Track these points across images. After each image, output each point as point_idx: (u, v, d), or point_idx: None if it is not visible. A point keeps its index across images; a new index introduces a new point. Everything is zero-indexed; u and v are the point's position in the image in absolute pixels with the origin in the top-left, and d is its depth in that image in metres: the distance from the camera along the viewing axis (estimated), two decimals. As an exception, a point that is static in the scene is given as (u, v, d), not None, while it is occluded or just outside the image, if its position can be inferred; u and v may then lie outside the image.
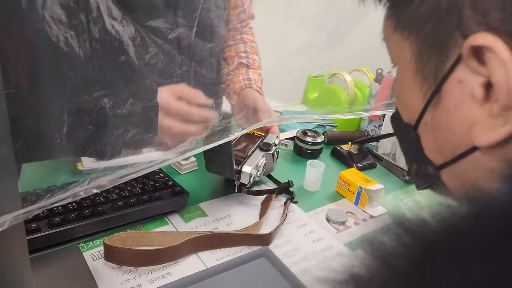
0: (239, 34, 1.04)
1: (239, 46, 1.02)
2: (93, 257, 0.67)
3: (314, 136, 1.07)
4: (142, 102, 0.47)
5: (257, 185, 0.91)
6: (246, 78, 0.97)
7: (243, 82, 0.96)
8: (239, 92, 0.95)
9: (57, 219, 0.66)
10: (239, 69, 0.99)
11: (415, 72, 0.34)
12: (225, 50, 1.02)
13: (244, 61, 1.00)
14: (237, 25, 1.01)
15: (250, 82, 0.96)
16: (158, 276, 0.65)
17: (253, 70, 1.00)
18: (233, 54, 1.01)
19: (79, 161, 0.87)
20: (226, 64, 0.99)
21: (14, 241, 0.43)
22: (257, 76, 0.99)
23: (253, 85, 0.96)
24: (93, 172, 0.46)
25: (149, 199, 0.75)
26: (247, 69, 0.99)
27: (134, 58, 0.45)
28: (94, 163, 0.86)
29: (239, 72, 0.98)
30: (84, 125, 0.41)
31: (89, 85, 0.40)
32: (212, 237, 0.72)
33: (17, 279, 0.45)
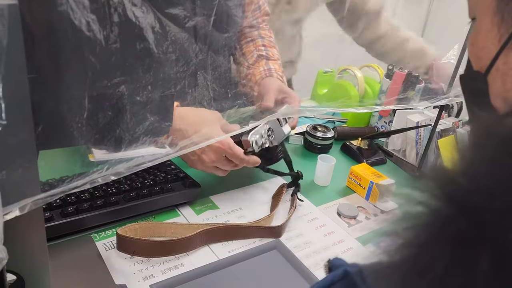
0: (256, 30, 1.04)
1: (257, 41, 1.02)
2: (106, 247, 0.67)
3: (324, 131, 1.07)
4: (160, 90, 0.47)
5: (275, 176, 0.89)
6: (267, 69, 0.97)
7: (263, 73, 0.95)
8: (260, 82, 0.94)
9: (70, 208, 0.66)
10: (259, 61, 0.99)
11: (494, 14, 0.35)
12: (243, 46, 1.02)
13: (263, 53, 1.00)
14: (253, 22, 1.01)
15: (270, 72, 0.96)
16: (170, 266, 0.65)
17: (273, 61, 0.99)
18: (251, 49, 1.01)
19: (90, 153, 0.87)
20: (245, 59, 0.99)
21: (33, 227, 0.43)
22: (278, 66, 0.99)
23: (274, 74, 0.96)
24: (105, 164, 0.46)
25: (161, 190, 0.75)
26: (267, 60, 0.99)
27: (153, 46, 0.45)
28: (105, 154, 0.86)
29: (259, 64, 0.98)
30: (104, 111, 0.41)
31: (109, 71, 0.40)
32: (224, 229, 0.71)
33: (34, 264, 0.45)
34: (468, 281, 0.18)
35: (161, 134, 0.48)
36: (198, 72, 0.57)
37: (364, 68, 1.33)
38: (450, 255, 0.19)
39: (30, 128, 0.36)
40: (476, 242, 0.18)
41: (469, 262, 0.18)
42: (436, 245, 0.19)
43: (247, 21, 1.00)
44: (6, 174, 0.34)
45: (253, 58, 0.98)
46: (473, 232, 0.18)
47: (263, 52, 1.00)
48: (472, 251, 0.18)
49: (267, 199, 0.85)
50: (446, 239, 0.19)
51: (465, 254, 0.18)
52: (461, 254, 0.18)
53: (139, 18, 0.43)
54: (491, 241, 0.18)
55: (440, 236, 0.19)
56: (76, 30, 0.36)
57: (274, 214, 0.78)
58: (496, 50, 0.35)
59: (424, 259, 0.20)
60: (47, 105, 0.38)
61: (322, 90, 1.34)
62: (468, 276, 0.18)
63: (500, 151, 0.19)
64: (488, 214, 0.18)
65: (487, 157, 0.20)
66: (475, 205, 0.19)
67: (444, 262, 0.19)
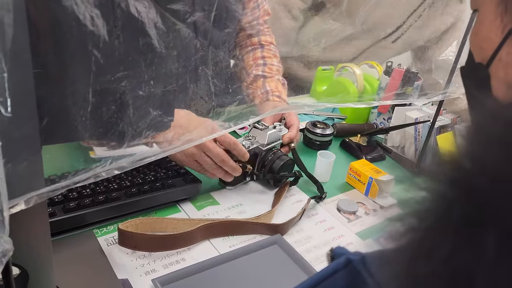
0: (257, 37, 1.05)
1: (256, 52, 1.04)
2: (107, 242, 0.68)
3: (324, 127, 1.07)
4: (162, 85, 0.47)
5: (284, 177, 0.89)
6: (264, 92, 0.99)
7: (261, 96, 0.99)
8: (258, 107, 0.98)
9: (72, 204, 0.67)
10: (256, 81, 1.02)
11: (497, 4, 0.35)
12: (244, 57, 1.04)
13: (259, 72, 1.02)
14: (254, 23, 1.02)
15: (267, 95, 0.99)
16: (172, 261, 0.66)
17: (270, 79, 1.02)
18: (251, 63, 1.03)
19: (91, 150, 0.87)
20: (246, 73, 1.01)
21: (37, 220, 0.43)
22: (274, 84, 1.01)
23: (270, 97, 0.98)
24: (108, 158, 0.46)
25: (162, 186, 0.75)
26: (264, 80, 1.02)
27: (155, 41, 0.45)
28: (106, 151, 0.87)
29: (257, 86, 1.01)
30: (107, 105, 0.41)
31: (112, 65, 0.41)
32: (225, 224, 0.72)
33: (38, 258, 0.45)
34: (474, 263, 0.18)
35: (163, 129, 0.48)
36: (199, 67, 0.58)
37: (363, 66, 1.34)
38: (455, 238, 0.19)
39: (35, 121, 0.36)
40: (481, 224, 0.18)
41: (474, 244, 0.18)
42: (441, 228, 0.20)
43: (247, 19, 1.00)
44: (11, 167, 0.35)
45: (251, 78, 1.01)
46: (478, 214, 0.19)
47: (260, 69, 1.02)
48: (477, 233, 0.18)
49: (268, 196, 0.85)
50: (451, 222, 0.19)
51: (470, 236, 0.19)
52: (466, 236, 0.19)
53: (142, 13, 0.43)
54: (497, 223, 0.18)
55: (445, 219, 0.20)
56: (81, 24, 0.37)
57: (274, 210, 0.79)
58: (499, 40, 0.35)
59: (429, 242, 0.20)
60: (51, 100, 0.38)
61: (321, 87, 1.35)
62: (473, 258, 0.18)
63: (504, 133, 0.20)
64: (493, 196, 0.18)
65: (492, 139, 0.20)
66: (479, 187, 0.19)
67: (450, 245, 0.19)
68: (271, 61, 1.05)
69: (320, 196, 0.85)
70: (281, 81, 1.03)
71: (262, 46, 1.06)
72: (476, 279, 0.18)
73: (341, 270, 0.32)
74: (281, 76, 1.05)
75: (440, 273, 0.20)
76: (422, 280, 0.21)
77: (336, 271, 0.33)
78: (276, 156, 0.85)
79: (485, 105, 0.23)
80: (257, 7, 1.02)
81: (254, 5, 1.01)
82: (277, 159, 0.85)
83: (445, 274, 0.20)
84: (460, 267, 0.19)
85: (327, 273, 0.33)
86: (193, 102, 0.59)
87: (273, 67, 1.04)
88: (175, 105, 0.49)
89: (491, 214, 0.18)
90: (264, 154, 0.85)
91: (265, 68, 1.03)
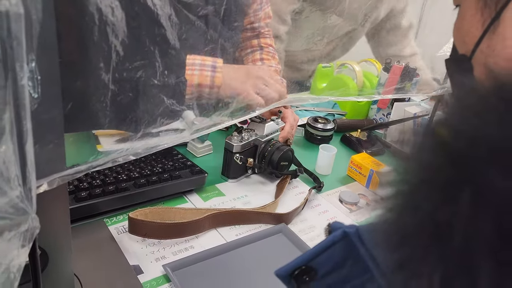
0: (257, 39, 1.07)
1: (255, 54, 1.07)
2: (118, 231, 0.70)
3: (325, 123, 1.09)
4: (175, 75, 0.49)
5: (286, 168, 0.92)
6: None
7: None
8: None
9: (83, 194, 0.69)
10: None
11: (477, 0, 0.37)
12: (244, 59, 1.07)
13: None
14: (255, 25, 1.04)
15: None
16: (181, 248, 0.68)
17: None
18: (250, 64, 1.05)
19: (99, 143, 0.89)
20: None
21: (57, 203, 0.45)
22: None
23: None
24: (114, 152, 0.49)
25: (170, 177, 0.77)
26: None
27: (169, 32, 0.47)
28: (114, 144, 0.89)
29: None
30: (125, 92, 0.43)
31: (130, 54, 0.43)
32: (231, 214, 0.74)
33: (58, 239, 0.47)
34: (452, 217, 0.21)
35: (176, 117, 0.50)
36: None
37: (362, 63, 1.36)
38: (437, 197, 0.22)
39: (60, 106, 0.38)
40: (458, 184, 0.21)
41: (453, 201, 0.21)
42: (424, 190, 0.22)
43: (249, 21, 1.03)
44: (38, 148, 0.37)
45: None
46: (455, 175, 0.21)
47: None
48: (455, 192, 0.21)
49: (271, 187, 0.88)
50: (433, 184, 0.22)
51: (449, 195, 0.21)
52: (446, 195, 0.21)
53: (157, 5, 0.45)
54: (471, 183, 0.21)
55: (428, 182, 0.22)
56: (103, 15, 0.39)
57: (278, 200, 0.81)
58: (480, 34, 0.38)
59: (415, 202, 0.23)
60: (74, 87, 0.40)
61: (321, 84, 1.37)
62: (452, 213, 0.21)
63: (478, 103, 0.22)
64: (468, 159, 0.21)
65: (467, 109, 0.23)
66: (456, 152, 0.22)
67: (432, 203, 0.22)
68: (269, 63, 1.07)
69: (319, 186, 0.88)
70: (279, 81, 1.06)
71: (261, 48, 1.08)
72: (455, 230, 0.21)
73: (338, 243, 0.33)
74: (280, 77, 1.08)
75: (424, 228, 0.22)
76: (409, 237, 0.23)
77: (333, 244, 0.34)
78: (275, 147, 0.87)
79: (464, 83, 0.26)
80: (260, 9, 1.04)
81: (257, 7, 1.03)
82: (276, 149, 0.87)
83: (428, 228, 0.22)
84: (441, 221, 0.21)
85: (325, 245, 0.34)
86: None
87: (271, 68, 1.07)
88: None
89: (466, 175, 0.21)
90: (264, 146, 0.88)
91: None
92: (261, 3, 1.03)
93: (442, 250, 0.22)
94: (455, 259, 0.21)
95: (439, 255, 0.22)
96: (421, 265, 0.23)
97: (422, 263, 0.23)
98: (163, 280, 0.62)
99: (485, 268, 0.20)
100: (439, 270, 0.22)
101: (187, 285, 0.60)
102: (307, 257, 0.35)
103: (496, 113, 0.21)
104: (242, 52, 1.08)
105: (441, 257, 0.22)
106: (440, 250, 0.22)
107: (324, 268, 0.34)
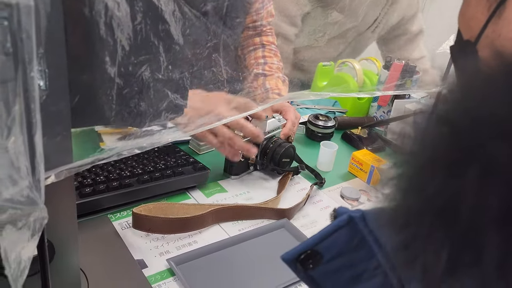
0: (259, 37, 1.08)
1: (257, 52, 1.08)
2: (121, 226, 0.70)
3: (325, 120, 1.10)
4: (178, 70, 0.50)
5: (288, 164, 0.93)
6: (264, 90, 1.03)
7: (261, 95, 1.02)
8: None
9: (87, 189, 0.69)
10: (257, 80, 1.05)
11: None
12: (246, 57, 1.08)
13: (260, 71, 1.06)
14: (257, 23, 1.05)
15: (267, 93, 1.02)
16: (184, 243, 0.68)
17: (270, 77, 1.05)
18: (252, 62, 1.07)
19: (101, 141, 0.90)
20: (248, 72, 1.05)
21: (63, 195, 0.46)
22: (274, 81, 1.04)
23: (270, 95, 1.02)
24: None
25: (173, 173, 0.78)
26: (264, 78, 1.05)
27: (172, 27, 0.48)
28: (116, 142, 0.90)
29: (257, 84, 1.04)
30: (131, 86, 0.44)
31: (135, 49, 0.44)
32: (234, 209, 0.75)
33: (64, 232, 0.48)
34: (458, 194, 0.21)
35: (180, 112, 0.51)
36: (213, 55, 0.60)
37: (362, 61, 1.37)
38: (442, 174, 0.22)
39: (67, 98, 0.39)
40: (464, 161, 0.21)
41: (459, 178, 0.21)
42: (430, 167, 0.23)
43: (251, 19, 1.04)
44: (46, 140, 0.37)
45: (251, 77, 1.04)
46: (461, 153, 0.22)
47: (260, 68, 1.05)
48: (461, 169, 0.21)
49: (273, 184, 0.88)
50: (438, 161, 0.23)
51: (455, 172, 0.22)
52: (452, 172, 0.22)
53: (161, 1, 0.46)
54: (476, 159, 0.21)
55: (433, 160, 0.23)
56: (109, 11, 0.40)
57: (280, 196, 0.82)
58: (485, 19, 0.38)
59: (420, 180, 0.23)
60: (80, 81, 0.41)
61: (322, 83, 1.38)
62: (458, 190, 0.21)
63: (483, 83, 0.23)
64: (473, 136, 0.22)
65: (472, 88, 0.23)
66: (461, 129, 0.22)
67: (438, 180, 0.22)
68: (272, 60, 1.08)
69: (320, 182, 0.89)
70: (281, 78, 1.07)
71: (263, 46, 1.09)
72: (462, 207, 0.21)
73: (344, 228, 0.33)
74: (282, 74, 1.09)
75: (430, 207, 0.23)
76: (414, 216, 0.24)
77: (339, 228, 0.33)
78: (277, 143, 0.88)
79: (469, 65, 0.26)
80: (262, 8, 1.05)
81: (259, 6, 1.04)
82: (277, 146, 0.88)
83: (435, 207, 0.23)
84: (447, 199, 0.22)
85: (330, 230, 0.34)
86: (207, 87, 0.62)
87: (273, 66, 1.08)
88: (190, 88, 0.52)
89: (472, 152, 0.21)
90: (265, 142, 0.88)
91: (265, 66, 1.07)
92: (263, 1, 1.04)
93: (449, 227, 0.22)
94: (462, 235, 0.22)
95: (445, 233, 0.23)
96: (427, 243, 0.24)
97: (428, 242, 0.24)
98: (167, 274, 0.62)
99: (493, 242, 0.20)
100: (446, 247, 0.22)
101: (191, 278, 0.61)
102: (312, 241, 0.35)
103: (502, 90, 0.22)
104: (244, 50, 1.09)
105: (448, 234, 0.22)
106: (446, 228, 0.22)
107: (330, 253, 0.34)
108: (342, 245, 0.34)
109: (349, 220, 0.33)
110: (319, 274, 0.35)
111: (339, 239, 0.34)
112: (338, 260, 0.34)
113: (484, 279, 0.21)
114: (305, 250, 0.35)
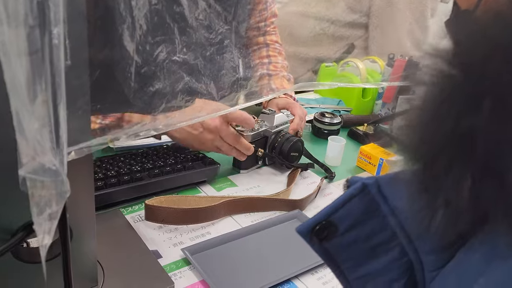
0: (262, 36, 1.09)
1: (262, 51, 1.09)
2: (134, 220, 0.70)
3: (331, 117, 1.11)
4: (193, 53, 0.51)
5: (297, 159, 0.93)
6: (269, 90, 1.03)
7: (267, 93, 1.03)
8: (265, 105, 1.03)
9: (99, 183, 0.69)
10: (262, 79, 1.06)
11: None
12: (251, 55, 1.09)
13: (264, 71, 1.07)
14: (261, 24, 1.06)
15: (272, 93, 1.03)
16: (198, 234, 0.68)
17: (275, 77, 1.06)
18: (256, 61, 1.08)
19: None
20: (254, 72, 1.06)
21: (82, 177, 0.46)
22: (279, 81, 1.05)
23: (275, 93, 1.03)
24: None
25: (183, 168, 0.78)
26: (269, 77, 1.06)
27: (187, 11, 0.49)
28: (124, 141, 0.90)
29: (262, 84, 1.05)
30: (148, 65, 0.44)
31: (152, 29, 0.44)
32: (246, 201, 0.75)
33: (82, 215, 0.48)
34: (475, 124, 0.22)
35: (194, 94, 0.52)
36: (225, 40, 0.61)
37: (364, 61, 1.38)
38: (460, 108, 0.23)
39: (87, 72, 0.39)
40: (480, 94, 0.22)
41: (476, 110, 0.22)
42: (446, 107, 0.24)
43: (255, 19, 1.05)
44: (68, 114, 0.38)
45: (257, 77, 1.05)
46: (477, 86, 0.23)
47: (265, 68, 1.07)
48: (477, 101, 0.22)
49: (282, 177, 0.88)
50: (455, 100, 0.23)
51: (472, 104, 0.23)
52: (469, 104, 0.23)
53: (177, -17, 0.47)
54: (492, 92, 0.22)
55: (451, 96, 0.24)
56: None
57: (291, 188, 0.82)
58: None
59: (440, 114, 0.24)
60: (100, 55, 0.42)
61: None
62: (475, 121, 0.22)
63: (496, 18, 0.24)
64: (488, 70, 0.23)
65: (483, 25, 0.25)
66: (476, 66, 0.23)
67: (456, 113, 0.23)
68: (276, 59, 1.09)
69: (331, 175, 0.89)
70: (286, 77, 1.07)
71: (267, 45, 1.10)
72: (479, 138, 0.23)
73: (357, 196, 0.33)
74: (287, 72, 1.09)
75: (448, 142, 0.24)
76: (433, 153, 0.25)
77: (352, 196, 0.33)
78: (285, 138, 0.89)
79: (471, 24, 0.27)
80: (266, 8, 1.06)
81: (263, 7, 1.05)
82: (285, 140, 0.88)
83: (454, 138, 0.23)
84: (465, 131, 0.23)
85: (344, 199, 0.33)
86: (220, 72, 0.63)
87: (278, 65, 1.09)
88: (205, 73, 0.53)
89: (487, 85, 0.22)
90: (274, 136, 0.89)
91: (270, 66, 1.07)
92: (266, 2, 1.05)
93: (468, 159, 0.23)
94: (482, 164, 0.22)
95: (464, 164, 0.23)
96: (447, 179, 0.24)
97: (447, 178, 0.24)
98: (182, 263, 0.62)
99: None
100: (467, 178, 0.23)
101: (206, 267, 0.61)
102: (327, 211, 0.34)
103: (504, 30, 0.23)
104: (248, 50, 1.10)
105: (467, 165, 0.23)
106: (465, 160, 0.23)
107: (345, 223, 0.33)
108: (357, 215, 0.33)
109: (363, 187, 0.33)
110: (334, 247, 0.34)
111: (353, 209, 0.33)
112: (353, 232, 0.33)
113: (509, 202, 0.22)
114: (320, 221, 0.34)
